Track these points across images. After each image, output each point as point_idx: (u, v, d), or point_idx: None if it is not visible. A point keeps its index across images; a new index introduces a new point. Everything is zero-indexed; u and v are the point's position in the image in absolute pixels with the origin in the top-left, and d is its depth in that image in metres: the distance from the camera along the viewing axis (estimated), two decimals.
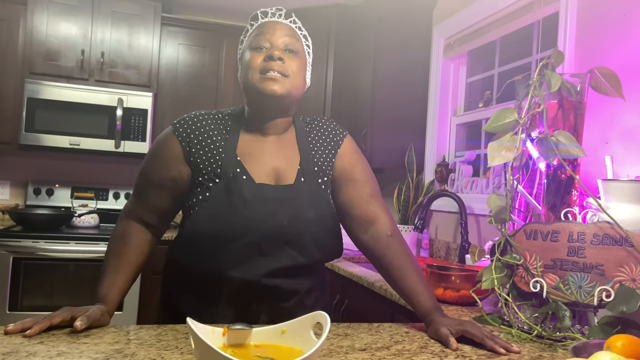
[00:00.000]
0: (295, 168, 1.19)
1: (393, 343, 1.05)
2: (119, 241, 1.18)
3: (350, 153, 1.28)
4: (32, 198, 3.40)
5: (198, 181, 1.16)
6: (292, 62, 1.17)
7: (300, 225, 1.15)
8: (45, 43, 3.18)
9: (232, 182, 1.13)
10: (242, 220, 1.12)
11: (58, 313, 1.00)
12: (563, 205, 1.39)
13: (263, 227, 1.12)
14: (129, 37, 3.32)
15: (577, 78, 1.43)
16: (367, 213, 1.25)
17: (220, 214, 1.12)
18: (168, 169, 1.18)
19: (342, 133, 1.30)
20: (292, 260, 1.16)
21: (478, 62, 2.78)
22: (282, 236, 1.14)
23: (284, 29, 1.19)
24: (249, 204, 1.12)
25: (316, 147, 1.25)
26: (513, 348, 1.02)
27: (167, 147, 1.19)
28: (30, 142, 3.12)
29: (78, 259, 2.93)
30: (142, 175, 1.22)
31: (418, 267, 1.21)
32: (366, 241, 1.25)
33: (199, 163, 1.16)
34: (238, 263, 1.14)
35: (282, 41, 1.18)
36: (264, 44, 1.17)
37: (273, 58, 1.14)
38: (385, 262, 1.21)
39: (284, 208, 1.14)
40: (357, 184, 1.26)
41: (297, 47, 1.19)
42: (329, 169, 1.23)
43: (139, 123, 3.27)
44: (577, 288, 1.16)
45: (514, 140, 1.29)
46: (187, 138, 1.18)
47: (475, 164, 2.62)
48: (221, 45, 3.51)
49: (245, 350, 0.85)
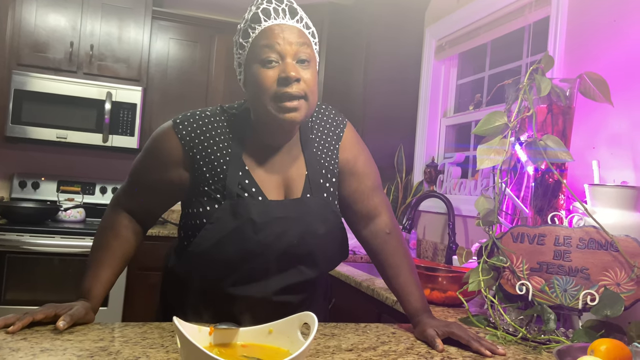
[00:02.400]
0: (302, 177, 1.13)
1: (379, 344, 1.05)
2: (107, 232, 1.13)
3: (352, 145, 1.22)
4: (18, 191, 3.35)
5: (202, 190, 1.07)
6: (306, 74, 1.03)
7: (311, 242, 1.11)
8: (33, 34, 3.13)
9: (239, 204, 1.05)
10: (251, 245, 1.06)
11: (41, 310, 0.98)
12: (550, 209, 1.40)
13: (274, 249, 1.08)
14: (119, 30, 3.29)
15: (566, 83, 1.44)
16: (368, 208, 1.23)
17: (228, 239, 1.05)
18: (165, 172, 1.10)
19: (342, 123, 1.23)
20: (302, 276, 1.13)
21: (469, 65, 2.79)
22: (292, 255, 1.11)
23: (293, 35, 1.03)
24: (258, 227, 1.05)
25: (320, 144, 1.18)
26: (498, 350, 1.03)
27: (166, 148, 1.09)
28: (16, 134, 3.07)
29: (63, 253, 2.89)
30: (136, 173, 1.14)
31: (413, 267, 1.21)
32: (365, 236, 1.24)
33: (205, 172, 1.07)
34: (246, 282, 1.10)
35: (293, 51, 1.02)
36: (273, 56, 1.02)
37: (289, 81, 1.00)
38: (381, 259, 1.22)
39: (294, 226, 1.09)
40: (360, 177, 1.21)
41: (308, 54, 1.04)
42: (334, 166, 1.19)
43: (127, 117, 3.24)
44: (562, 291, 1.17)
45: (503, 143, 1.30)
46: (189, 141, 1.07)
47: (464, 166, 2.64)
48: (212, 40, 3.49)
49: (231, 350, 0.84)
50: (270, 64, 1.02)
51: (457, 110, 2.80)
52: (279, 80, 1.01)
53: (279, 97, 1.01)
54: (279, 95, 1.01)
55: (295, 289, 1.15)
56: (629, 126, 1.59)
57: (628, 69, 1.61)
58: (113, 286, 1.12)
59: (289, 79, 1.00)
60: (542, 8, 2.06)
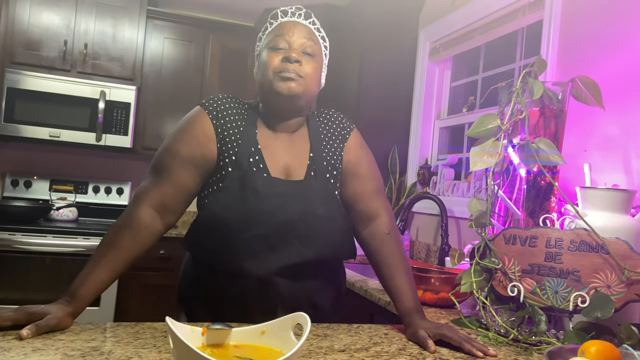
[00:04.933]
0: (305, 165, 1.22)
1: (372, 344, 1.06)
2: (122, 229, 1.11)
3: (356, 147, 1.30)
4: (10, 190, 3.33)
5: (219, 165, 1.18)
6: (308, 64, 1.18)
7: (310, 221, 1.17)
8: (27, 32, 3.11)
9: (246, 174, 1.15)
10: (253, 213, 1.13)
11: (10, 315, 0.93)
12: (542, 211, 1.41)
13: (273, 221, 1.14)
14: (113, 29, 3.28)
15: (559, 86, 1.45)
16: (368, 209, 1.27)
17: (233, 204, 1.14)
18: (199, 145, 1.17)
19: (349, 126, 1.32)
20: (300, 256, 1.17)
21: (462, 67, 2.81)
22: (291, 230, 1.16)
23: (302, 31, 1.20)
24: (261, 196, 1.14)
25: (326, 142, 1.27)
26: (490, 351, 1.03)
27: (199, 124, 1.19)
28: (9, 132, 3.06)
29: (55, 252, 2.88)
30: (169, 151, 1.18)
31: (408, 269, 1.23)
32: (365, 236, 1.28)
33: (223, 145, 1.18)
34: (248, 256, 1.15)
35: (300, 43, 1.19)
36: (282, 44, 1.18)
37: (290, 60, 1.15)
38: (378, 259, 1.24)
39: (295, 203, 1.16)
40: (362, 179, 1.28)
41: (314, 50, 1.20)
42: (338, 162, 1.26)
43: (121, 116, 3.23)
44: (553, 293, 1.18)
45: (495, 146, 1.31)
46: (218, 118, 1.20)
47: (457, 167, 2.65)
48: (207, 40, 3.48)
49: (224, 350, 0.84)
50: (278, 50, 1.18)
51: (450, 112, 2.81)
52: (282, 59, 1.17)
53: (280, 70, 1.16)
54: (281, 69, 1.16)
55: (296, 272, 1.17)
56: (620, 130, 1.60)
57: (620, 72, 1.62)
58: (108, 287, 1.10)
59: (290, 59, 1.16)
60: (535, 12, 2.07)
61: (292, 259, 1.17)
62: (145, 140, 3.36)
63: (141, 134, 3.35)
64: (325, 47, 1.26)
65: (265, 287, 1.17)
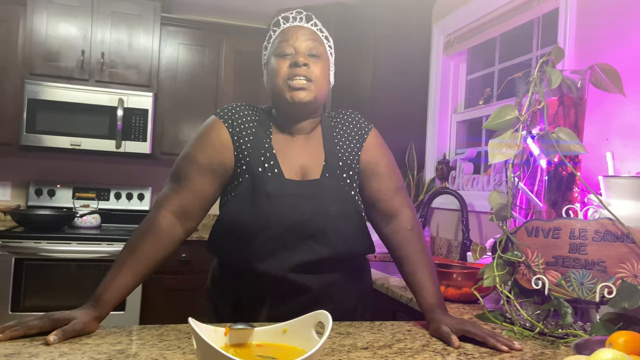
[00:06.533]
0: (320, 165, 1.23)
1: (395, 341, 1.05)
2: (145, 235, 1.13)
3: (375, 147, 1.30)
4: (34, 199, 3.40)
5: (236, 172, 1.21)
6: (316, 66, 1.20)
7: (323, 220, 1.18)
8: (45, 44, 3.17)
9: (257, 179, 1.17)
10: (265, 215, 1.16)
11: (36, 323, 0.94)
12: (564, 202, 1.38)
13: (286, 221, 1.16)
14: (128, 37, 3.32)
15: (577, 74, 1.43)
16: (390, 208, 1.28)
17: (246, 209, 1.17)
18: (216, 153, 1.20)
19: (367, 127, 1.32)
20: (315, 254, 1.18)
21: (478, 59, 2.77)
22: (304, 229, 1.17)
23: (306, 34, 1.22)
24: (272, 199, 1.16)
25: (341, 142, 1.27)
26: (515, 345, 1.02)
27: (216, 133, 1.22)
28: (31, 142, 3.12)
29: (80, 259, 2.93)
30: (187, 159, 1.21)
31: (431, 265, 1.22)
32: (387, 233, 1.28)
33: (243, 151, 1.20)
34: (265, 257, 1.18)
35: (305, 46, 1.21)
36: (288, 50, 1.20)
37: (298, 65, 1.18)
38: (400, 255, 1.24)
39: (307, 203, 1.18)
40: (382, 178, 1.28)
41: (320, 51, 1.23)
42: (354, 162, 1.26)
43: (139, 123, 3.27)
44: (579, 285, 1.15)
45: (514, 137, 1.29)
46: (234, 126, 1.22)
47: (476, 161, 2.62)
48: (221, 44, 3.51)
49: (247, 349, 0.85)
50: (285, 56, 1.21)
51: (467, 105, 2.78)
52: (290, 64, 1.19)
53: (289, 77, 1.18)
54: (289, 76, 1.18)
55: (311, 269, 1.19)
56: None
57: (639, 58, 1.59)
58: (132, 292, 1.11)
59: (298, 63, 1.18)
60: (551, 0, 2.04)
61: (307, 257, 1.18)
62: (164, 146, 3.40)
63: (159, 140, 3.39)
64: (330, 47, 1.28)
65: (282, 283, 1.18)
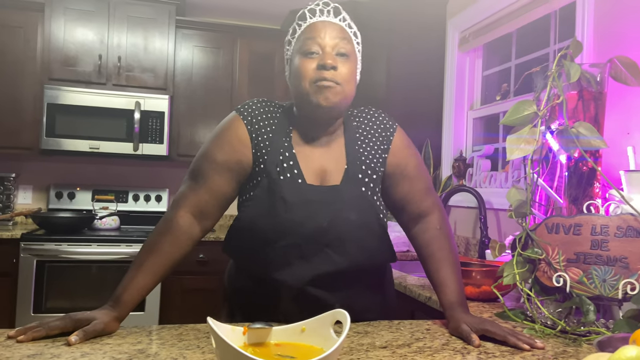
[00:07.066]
0: (341, 170, 1.18)
1: (414, 340, 1.04)
2: (162, 235, 1.12)
3: (402, 148, 1.26)
4: (54, 202, 3.45)
5: (254, 171, 1.17)
6: (344, 67, 1.13)
7: (341, 227, 1.14)
8: (63, 49, 3.22)
9: (274, 183, 1.13)
10: (282, 222, 1.12)
11: (58, 324, 0.96)
12: (585, 197, 1.36)
13: (303, 229, 1.12)
14: (144, 41, 3.36)
15: (596, 68, 1.40)
16: (420, 209, 1.25)
17: (262, 214, 1.14)
18: (234, 151, 1.17)
19: (392, 127, 1.27)
20: (333, 265, 1.14)
21: (494, 55, 2.74)
22: (321, 238, 1.13)
23: (334, 30, 1.14)
24: (289, 206, 1.12)
25: (365, 144, 1.22)
26: (537, 344, 1.01)
27: (234, 130, 1.18)
28: (51, 147, 3.17)
29: (100, 260, 2.97)
30: (205, 157, 1.18)
31: (457, 264, 1.20)
32: (415, 232, 1.26)
33: (261, 149, 1.16)
34: (281, 265, 1.14)
35: (333, 45, 1.13)
36: (314, 48, 1.13)
37: (326, 67, 1.10)
38: (427, 253, 1.22)
39: (325, 210, 1.13)
40: (412, 180, 1.25)
41: (348, 49, 1.15)
42: (379, 165, 1.22)
43: (156, 125, 3.30)
44: (601, 282, 1.13)
45: (533, 132, 1.27)
46: (253, 123, 1.18)
47: (493, 157, 2.59)
48: (235, 45, 3.52)
49: (265, 349, 0.85)
50: (311, 55, 1.13)
51: (484, 102, 2.75)
52: (318, 66, 1.12)
53: (316, 80, 1.11)
54: (317, 79, 1.11)
55: (331, 282, 1.15)
56: None
57: None
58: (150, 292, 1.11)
59: (326, 66, 1.10)
60: None
61: (325, 268, 1.14)
62: (180, 147, 3.43)
63: (176, 142, 3.42)
64: (358, 44, 1.21)
65: (300, 297, 1.14)
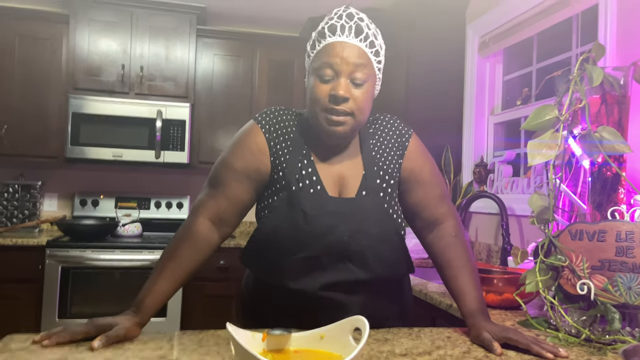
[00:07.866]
0: (358, 178, 1.19)
1: (434, 348, 1.03)
2: (182, 242, 1.14)
3: (418, 154, 1.26)
4: (79, 209, 3.52)
5: (273, 178, 1.18)
6: (358, 93, 1.11)
7: (362, 241, 1.15)
8: (87, 59, 3.30)
9: (294, 195, 1.14)
10: (302, 235, 1.13)
11: (81, 329, 0.98)
12: (609, 203, 1.33)
13: (323, 242, 1.13)
14: (166, 50, 3.41)
15: (619, 71, 1.38)
16: (435, 216, 1.25)
17: (282, 226, 1.15)
18: (253, 159, 1.18)
19: (407, 133, 1.27)
20: (352, 274, 1.16)
21: (515, 59, 2.72)
22: (342, 251, 1.15)
23: (351, 54, 1.10)
24: (308, 218, 1.13)
25: (381, 150, 1.23)
26: (561, 352, 0.99)
27: (253, 138, 1.19)
28: (75, 155, 3.23)
29: (123, 267, 3.01)
30: (224, 165, 1.20)
31: (474, 271, 1.19)
32: (430, 240, 1.25)
33: (280, 157, 1.17)
34: (299, 275, 1.16)
35: (348, 71, 1.10)
36: (329, 73, 1.10)
37: (338, 101, 1.09)
38: (443, 261, 1.21)
39: (345, 223, 1.14)
40: (426, 186, 1.25)
41: (364, 76, 1.11)
42: (395, 171, 1.22)
43: (177, 133, 3.35)
44: (626, 289, 1.11)
45: (555, 137, 1.26)
46: (271, 132, 1.19)
47: (515, 163, 2.56)
48: (254, 53, 3.56)
49: (284, 355, 0.85)
50: (325, 80, 1.11)
51: (504, 107, 2.72)
52: (329, 96, 1.10)
53: (328, 110, 1.11)
54: (328, 109, 1.11)
55: (348, 288, 1.16)
56: None
57: None
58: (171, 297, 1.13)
59: (338, 99, 1.09)
60: None
61: (344, 276, 1.15)
62: (201, 155, 3.47)
63: (197, 149, 3.46)
64: (379, 62, 1.17)
65: (317, 302, 1.16)
